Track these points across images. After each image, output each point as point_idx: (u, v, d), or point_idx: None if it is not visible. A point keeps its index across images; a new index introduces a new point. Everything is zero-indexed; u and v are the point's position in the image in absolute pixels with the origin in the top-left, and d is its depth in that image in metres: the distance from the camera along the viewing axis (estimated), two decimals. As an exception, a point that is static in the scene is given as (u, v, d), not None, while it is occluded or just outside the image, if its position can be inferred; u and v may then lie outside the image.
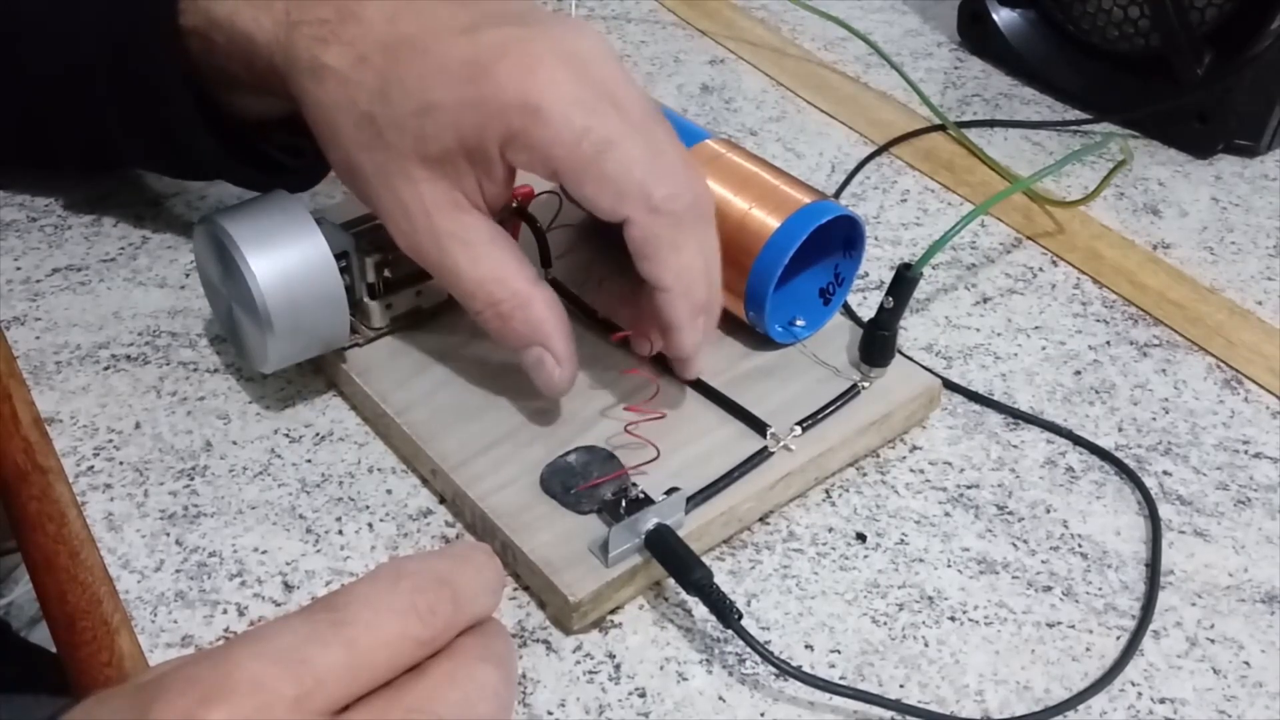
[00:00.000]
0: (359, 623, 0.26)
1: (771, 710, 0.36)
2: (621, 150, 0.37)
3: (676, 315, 0.40)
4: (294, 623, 0.26)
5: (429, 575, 0.27)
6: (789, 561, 0.41)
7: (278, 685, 0.24)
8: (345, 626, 0.25)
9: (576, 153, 0.37)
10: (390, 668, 0.26)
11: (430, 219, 0.39)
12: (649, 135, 0.38)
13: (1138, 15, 0.64)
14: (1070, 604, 0.40)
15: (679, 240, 0.38)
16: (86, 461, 0.43)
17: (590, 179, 0.37)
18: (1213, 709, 0.37)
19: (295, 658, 0.25)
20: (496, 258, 0.40)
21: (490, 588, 0.29)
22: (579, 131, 0.36)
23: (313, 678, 0.24)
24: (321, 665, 0.25)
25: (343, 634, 0.25)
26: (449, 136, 0.37)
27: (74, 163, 0.53)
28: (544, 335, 0.40)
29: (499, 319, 0.40)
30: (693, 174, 0.39)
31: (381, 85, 0.38)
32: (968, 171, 0.63)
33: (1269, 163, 0.65)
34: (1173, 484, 0.45)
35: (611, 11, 0.76)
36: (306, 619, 0.26)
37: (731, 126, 0.65)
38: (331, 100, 0.39)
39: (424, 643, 0.27)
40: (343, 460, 0.43)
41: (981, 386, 0.49)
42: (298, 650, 0.25)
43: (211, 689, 0.24)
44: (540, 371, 0.41)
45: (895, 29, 0.77)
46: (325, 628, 0.25)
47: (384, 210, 0.40)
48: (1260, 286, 0.56)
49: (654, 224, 0.37)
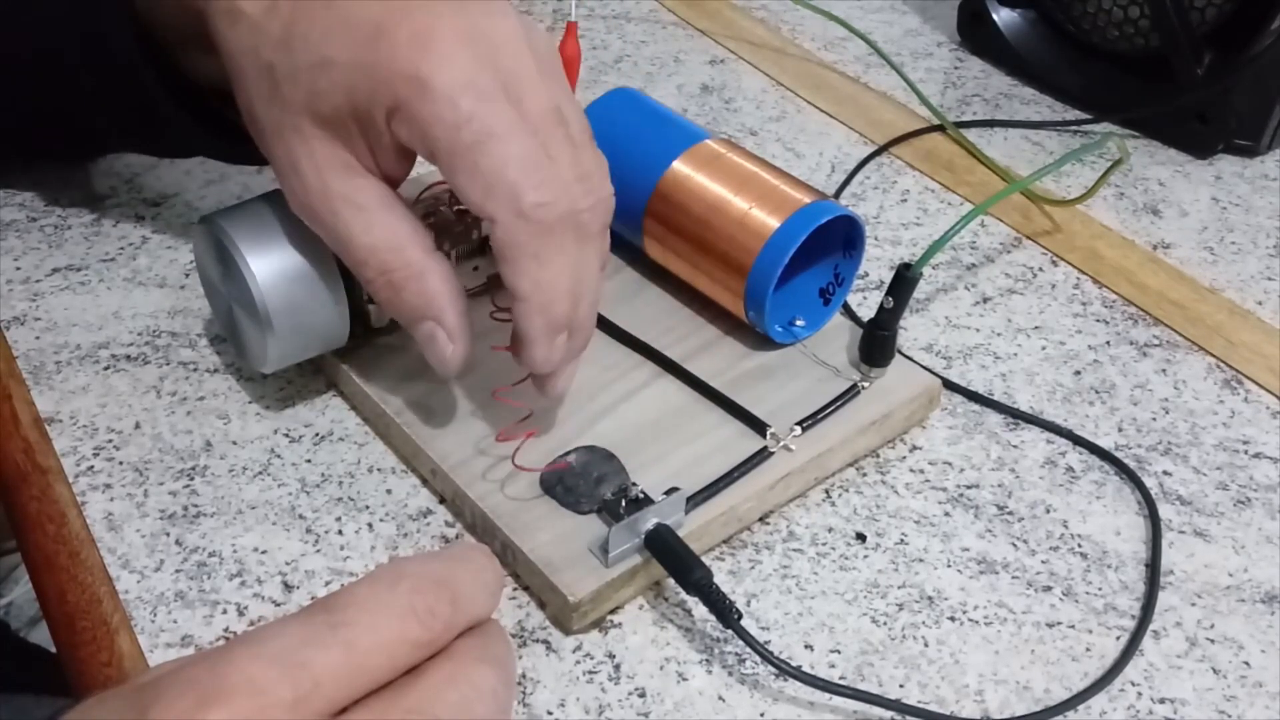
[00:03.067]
0: (357, 625, 0.26)
1: (771, 710, 0.36)
2: (501, 145, 0.35)
3: (529, 328, 0.37)
4: (292, 625, 0.26)
5: (428, 577, 0.27)
6: (789, 561, 0.41)
7: (276, 687, 0.24)
8: (344, 628, 0.25)
9: (455, 137, 0.35)
10: (389, 669, 0.26)
11: (322, 178, 0.37)
12: (542, 136, 0.36)
13: (1138, 15, 0.64)
14: (1070, 604, 0.40)
15: (543, 251, 0.36)
16: (86, 461, 0.43)
17: (463, 169, 0.35)
18: (1213, 709, 0.37)
19: (293, 660, 0.24)
20: (390, 224, 0.37)
21: (489, 589, 0.29)
22: (462, 116, 0.34)
23: (311, 680, 0.24)
24: (320, 667, 0.25)
25: (341, 636, 0.25)
26: (339, 96, 0.36)
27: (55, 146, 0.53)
28: (437, 309, 0.38)
29: (390, 289, 0.38)
30: (583, 186, 0.37)
31: (285, 35, 0.36)
32: (967, 171, 0.63)
33: (1269, 163, 0.65)
34: (1173, 484, 0.45)
35: (611, 11, 0.76)
36: (305, 621, 0.26)
37: (731, 126, 0.65)
38: (240, 45, 0.38)
39: (423, 645, 0.27)
40: (343, 460, 0.43)
41: (981, 386, 0.49)
42: (296, 652, 0.25)
43: (210, 691, 0.24)
44: (432, 347, 0.38)
45: (895, 29, 0.77)
46: (324, 630, 0.25)
47: (278, 167, 0.38)
48: (1260, 286, 0.56)
49: (518, 229, 0.35)
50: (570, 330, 0.38)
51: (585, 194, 0.37)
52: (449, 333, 0.38)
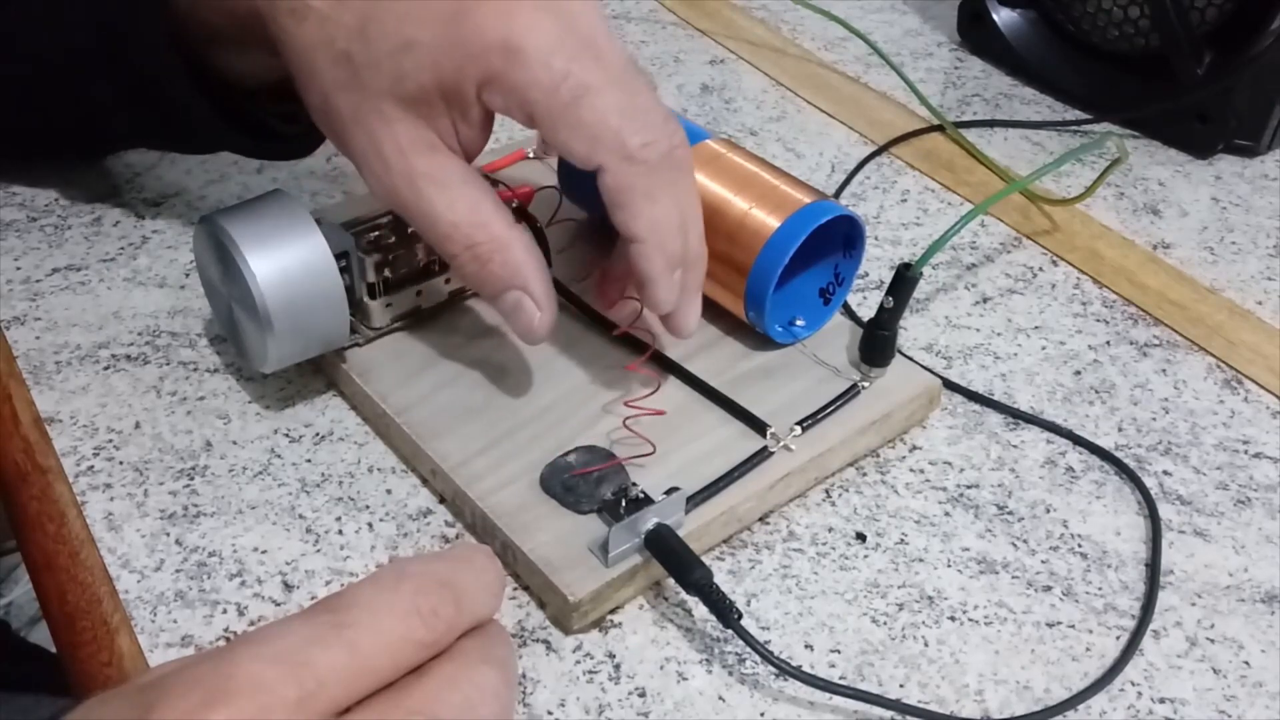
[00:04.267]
0: (361, 625, 0.26)
1: (771, 710, 0.36)
2: (599, 97, 0.36)
3: (651, 267, 0.39)
4: (295, 624, 0.26)
5: (431, 577, 0.27)
6: (789, 561, 0.41)
7: (279, 687, 0.24)
8: (347, 629, 0.25)
9: (554, 97, 0.36)
10: (392, 669, 0.26)
11: (405, 158, 0.38)
12: (628, 85, 0.37)
13: (1138, 15, 0.64)
14: (1070, 604, 0.40)
15: (653, 190, 0.37)
16: (86, 461, 0.43)
17: (566, 124, 0.37)
18: (1213, 709, 0.37)
19: (297, 659, 0.24)
20: (473, 199, 0.39)
21: (491, 590, 0.29)
22: (558, 76, 0.36)
23: (314, 679, 0.24)
24: (323, 667, 0.25)
25: (344, 636, 0.25)
26: (426, 76, 0.37)
27: (70, 144, 0.53)
28: (524, 279, 0.39)
29: (476, 262, 0.39)
30: (671, 125, 0.38)
31: (361, 24, 0.38)
32: (968, 171, 0.63)
33: (1269, 163, 0.65)
34: (1173, 484, 0.45)
35: (612, 11, 0.76)
36: (308, 620, 0.26)
37: (731, 126, 0.65)
38: (310, 39, 0.38)
39: (426, 645, 0.27)
40: (343, 460, 0.43)
41: (981, 386, 0.49)
42: (300, 652, 0.25)
43: (213, 691, 0.24)
44: (520, 316, 0.40)
45: (895, 29, 0.77)
46: (327, 629, 0.25)
47: (358, 152, 0.40)
48: (1260, 286, 0.56)
49: (628, 172, 0.37)
50: (685, 265, 0.40)
51: (675, 130, 0.38)
52: (536, 300, 0.40)
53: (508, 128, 0.63)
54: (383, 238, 0.45)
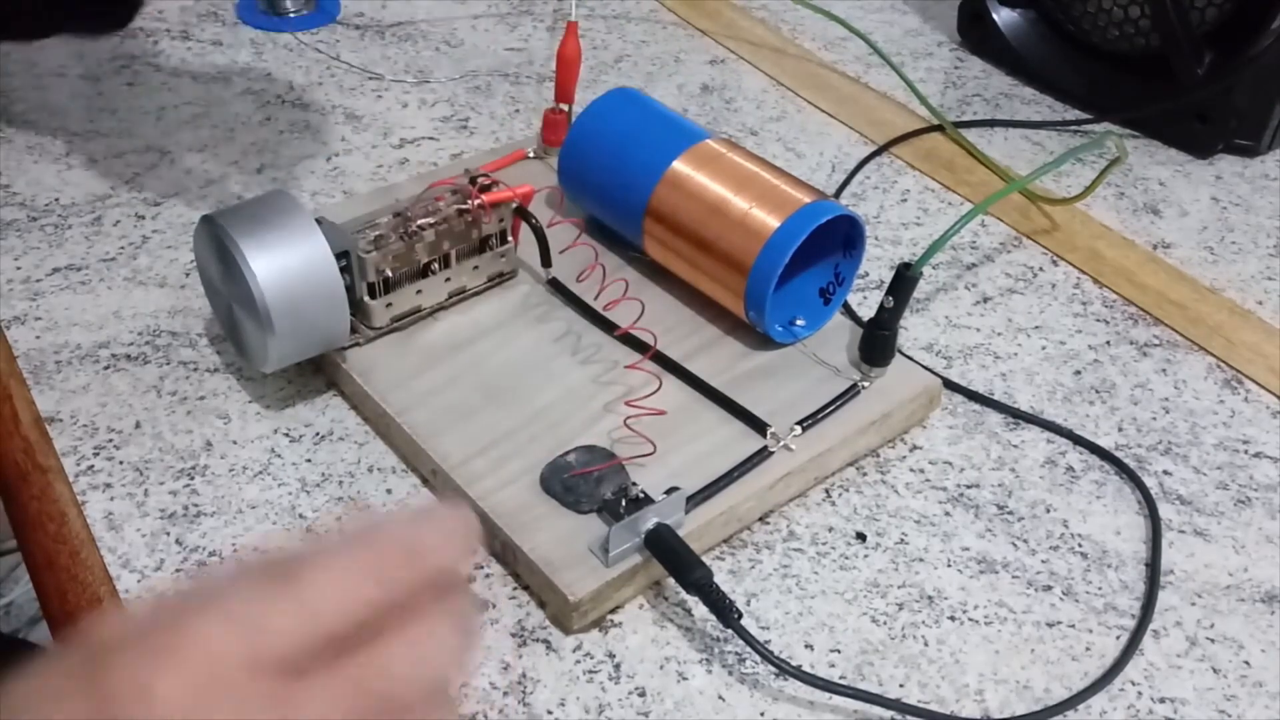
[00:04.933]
0: (315, 584, 0.25)
1: (771, 709, 0.36)
2: None
3: None
4: (249, 582, 0.25)
5: (392, 538, 0.27)
6: (789, 561, 0.41)
7: (230, 646, 0.23)
8: (299, 586, 0.25)
9: None
10: (345, 629, 0.26)
11: None
12: None
13: (1138, 15, 0.64)
14: (1070, 603, 0.40)
15: None
16: (86, 461, 0.43)
17: None
18: (1212, 708, 0.37)
19: (248, 619, 0.24)
20: None
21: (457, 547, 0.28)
22: None
23: (265, 639, 0.24)
24: (274, 626, 0.24)
25: (296, 594, 0.25)
26: None
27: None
28: None
29: None
30: None
31: None
32: (968, 171, 0.63)
33: (1269, 163, 0.65)
34: (1173, 484, 0.45)
35: (612, 11, 0.76)
36: (262, 578, 0.25)
37: (732, 126, 0.65)
38: None
39: (379, 603, 0.26)
40: (343, 460, 0.43)
41: (981, 386, 0.49)
42: (251, 611, 0.24)
43: (162, 652, 0.23)
44: None
45: (895, 29, 0.77)
46: (279, 588, 0.25)
47: None
48: (1260, 286, 0.56)
49: None
50: None
51: None
52: None
53: (508, 128, 0.63)
54: (383, 238, 0.45)
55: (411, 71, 0.67)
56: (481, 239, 0.47)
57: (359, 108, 0.63)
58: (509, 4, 0.75)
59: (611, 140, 0.50)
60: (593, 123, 0.50)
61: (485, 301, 0.48)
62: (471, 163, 0.58)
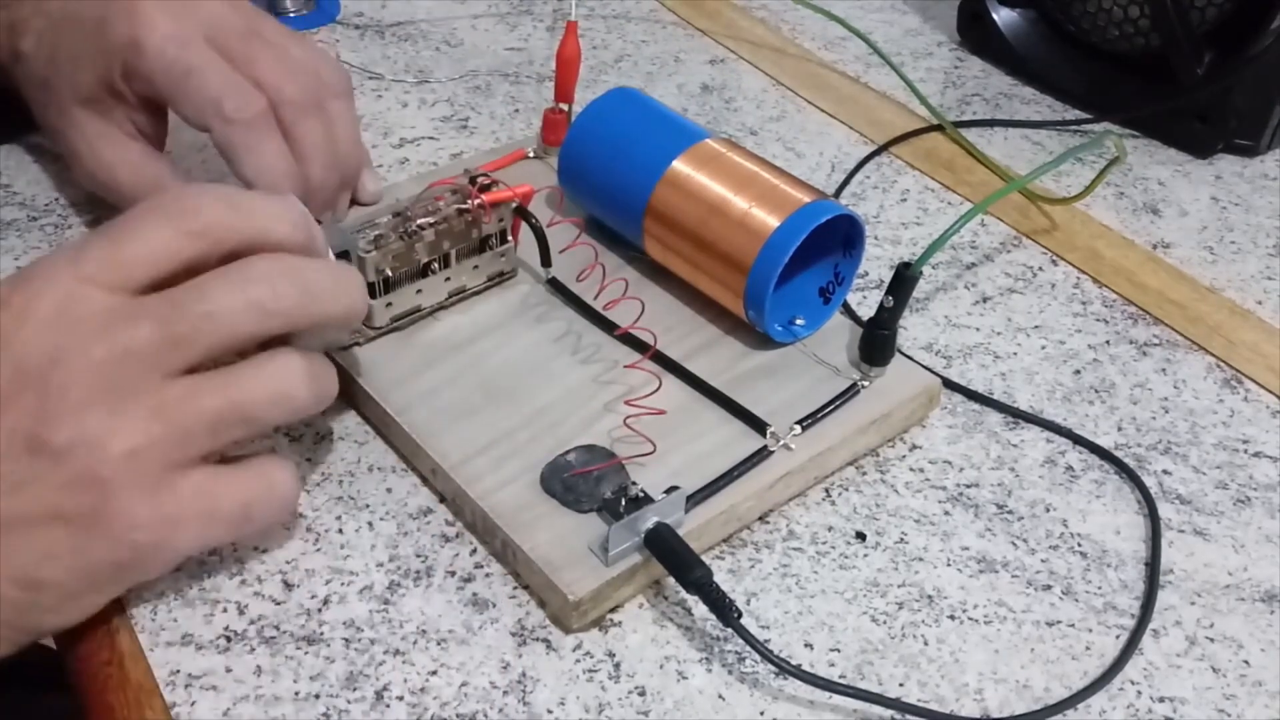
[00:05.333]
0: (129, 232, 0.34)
1: (771, 709, 0.36)
2: (200, 75, 0.45)
3: None
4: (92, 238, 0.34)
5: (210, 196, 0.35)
6: (789, 560, 0.41)
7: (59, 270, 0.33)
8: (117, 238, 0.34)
9: (169, 78, 0.45)
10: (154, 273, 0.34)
11: (94, 150, 0.48)
12: (242, 57, 0.46)
13: (1138, 15, 0.64)
14: (1070, 603, 0.40)
15: (252, 143, 0.45)
16: (87, 460, 0.43)
17: (179, 97, 0.46)
18: (1212, 708, 0.37)
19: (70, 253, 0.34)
20: (153, 170, 0.49)
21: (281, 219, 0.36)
22: (170, 60, 0.45)
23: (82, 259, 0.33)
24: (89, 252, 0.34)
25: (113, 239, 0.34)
26: (91, 79, 0.47)
27: None
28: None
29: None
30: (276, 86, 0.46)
31: (51, 53, 0.48)
32: (968, 171, 0.63)
33: (1269, 163, 0.66)
34: (1172, 483, 0.45)
35: (612, 11, 0.76)
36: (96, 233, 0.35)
37: (731, 126, 0.65)
38: (27, 77, 0.49)
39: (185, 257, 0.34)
40: (343, 459, 0.43)
41: (981, 386, 0.49)
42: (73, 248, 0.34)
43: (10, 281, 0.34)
44: None
45: (895, 29, 0.77)
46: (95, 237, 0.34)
47: (67, 153, 0.50)
48: (1260, 286, 0.56)
49: (227, 132, 0.45)
50: (307, 196, 0.47)
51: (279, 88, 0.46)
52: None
53: (508, 128, 0.63)
54: (383, 237, 0.45)
55: (411, 71, 0.67)
56: (481, 239, 0.47)
57: (359, 107, 0.63)
58: (509, 4, 0.75)
59: (611, 140, 0.50)
60: (592, 122, 0.50)
61: (485, 301, 0.48)
62: (471, 162, 0.58)
